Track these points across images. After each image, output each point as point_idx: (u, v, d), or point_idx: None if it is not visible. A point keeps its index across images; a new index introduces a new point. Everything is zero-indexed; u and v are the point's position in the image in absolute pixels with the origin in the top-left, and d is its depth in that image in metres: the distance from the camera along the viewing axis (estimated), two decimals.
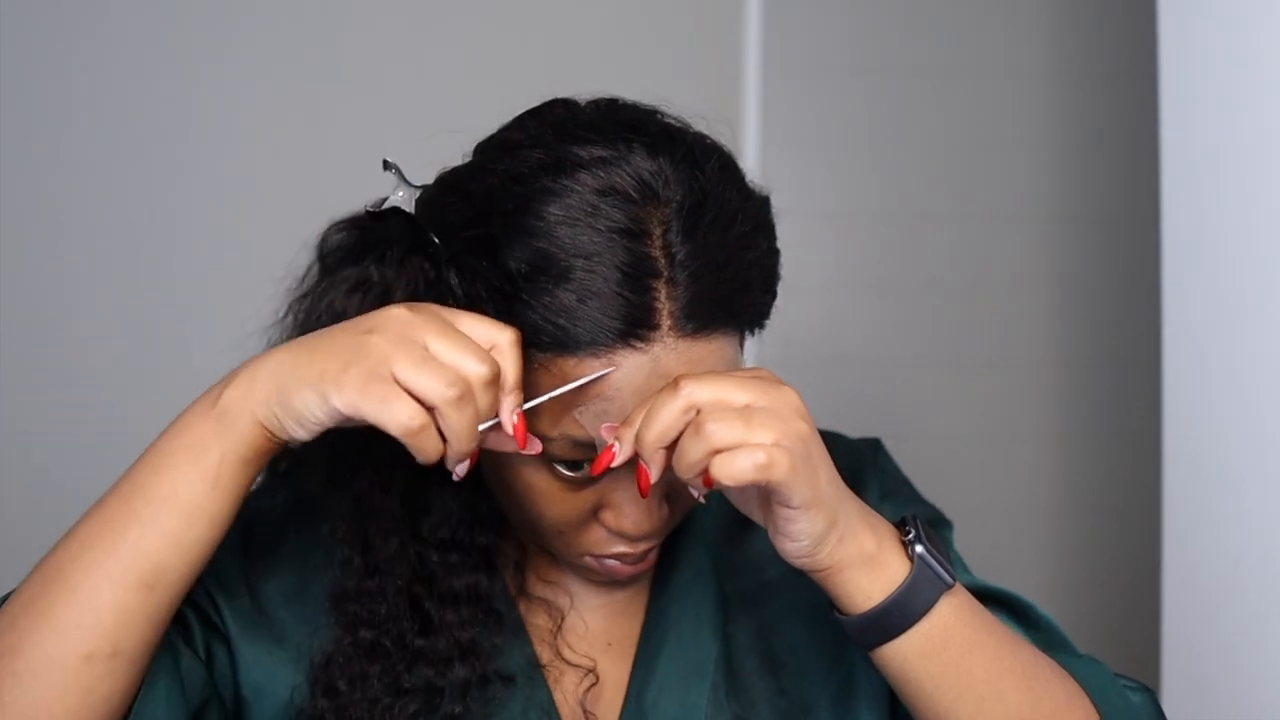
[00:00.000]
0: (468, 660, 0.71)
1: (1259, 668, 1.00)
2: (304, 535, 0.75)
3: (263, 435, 0.59)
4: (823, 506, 0.61)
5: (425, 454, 0.57)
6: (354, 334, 0.58)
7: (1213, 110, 1.05)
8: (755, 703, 0.75)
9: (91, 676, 0.58)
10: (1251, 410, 1.01)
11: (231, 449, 0.59)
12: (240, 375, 0.60)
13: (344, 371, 0.56)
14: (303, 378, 0.57)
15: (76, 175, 1.58)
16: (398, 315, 0.59)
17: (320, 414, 0.57)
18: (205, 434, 0.59)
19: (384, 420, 0.56)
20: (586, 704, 0.75)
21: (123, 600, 0.58)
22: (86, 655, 0.57)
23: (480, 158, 0.68)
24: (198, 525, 0.59)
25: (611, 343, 0.61)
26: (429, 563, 0.72)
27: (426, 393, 0.56)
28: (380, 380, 0.56)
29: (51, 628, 0.57)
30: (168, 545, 0.59)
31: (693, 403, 0.59)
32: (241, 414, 0.59)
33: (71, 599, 0.58)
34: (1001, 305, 1.83)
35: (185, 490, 0.59)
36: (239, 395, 0.59)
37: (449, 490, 0.73)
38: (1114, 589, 1.83)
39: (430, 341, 0.57)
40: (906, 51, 1.80)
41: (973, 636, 0.65)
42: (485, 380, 0.57)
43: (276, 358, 0.59)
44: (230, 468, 0.59)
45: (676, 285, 0.61)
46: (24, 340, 1.56)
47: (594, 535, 0.70)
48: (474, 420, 0.58)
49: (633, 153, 0.63)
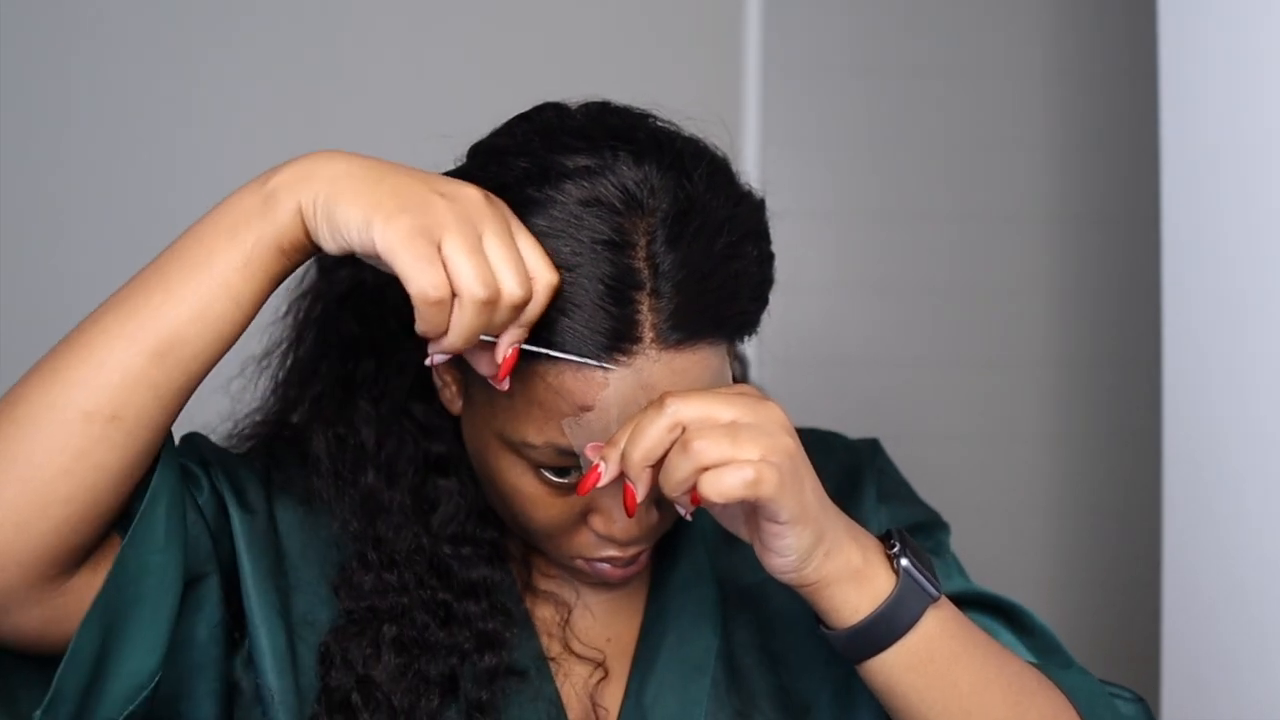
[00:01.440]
0: (494, 649, 0.72)
1: (1259, 668, 1.00)
2: (318, 521, 0.75)
3: (299, 228, 0.58)
4: (809, 521, 0.61)
5: (429, 326, 0.57)
6: (424, 187, 0.58)
7: (1213, 110, 1.05)
8: (755, 699, 0.75)
9: (88, 437, 0.57)
10: (1251, 410, 1.01)
11: (269, 231, 0.58)
12: (298, 164, 0.59)
13: (399, 213, 0.56)
14: (359, 195, 0.57)
15: (76, 175, 1.58)
16: (472, 195, 0.58)
17: (356, 237, 0.57)
18: (248, 211, 0.59)
19: (411, 276, 0.55)
20: (595, 697, 0.75)
21: (132, 362, 0.57)
22: (86, 413, 0.57)
23: (469, 164, 0.68)
24: (221, 302, 0.58)
25: (594, 355, 0.61)
26: (443, 556, 0.73)
27: (460, 278, 0.56)
28: (426, 240, 0.55)
29: (58, 380, 0.57)
30: (188, 315, 0.58)
31: (678, 420, 0.58)
32: (287, 200, 0.58)
33: (83, 354, 0.58)
34: (1001, 305, 1.83)
35: (218, 263, 0.58)
36: (290, 181, 0.58)
37: (454, 486, 0.74)
38: (1114, 589, 1.83)
39: (488, 237, 0.57)
40: (906, 51, 1.80)
41: (958, 649, 0.65)
42: (514, 301, 0.57)
43: (341, 163, 0.58)
44: (263, 250, 0.58)
45: (660, 296, 0.61)
46: (24, 340, 1.56)
47: (583, 539, 0.70)
48: (481, 326, 0.57)
49: (619, 162, 0.63)
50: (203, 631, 0.67)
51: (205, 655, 0.67)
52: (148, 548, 0.61)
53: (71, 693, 0.58)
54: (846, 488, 0.82)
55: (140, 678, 0.61)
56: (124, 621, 0.60)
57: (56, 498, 0.57)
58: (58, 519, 0.57)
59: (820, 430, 0.87)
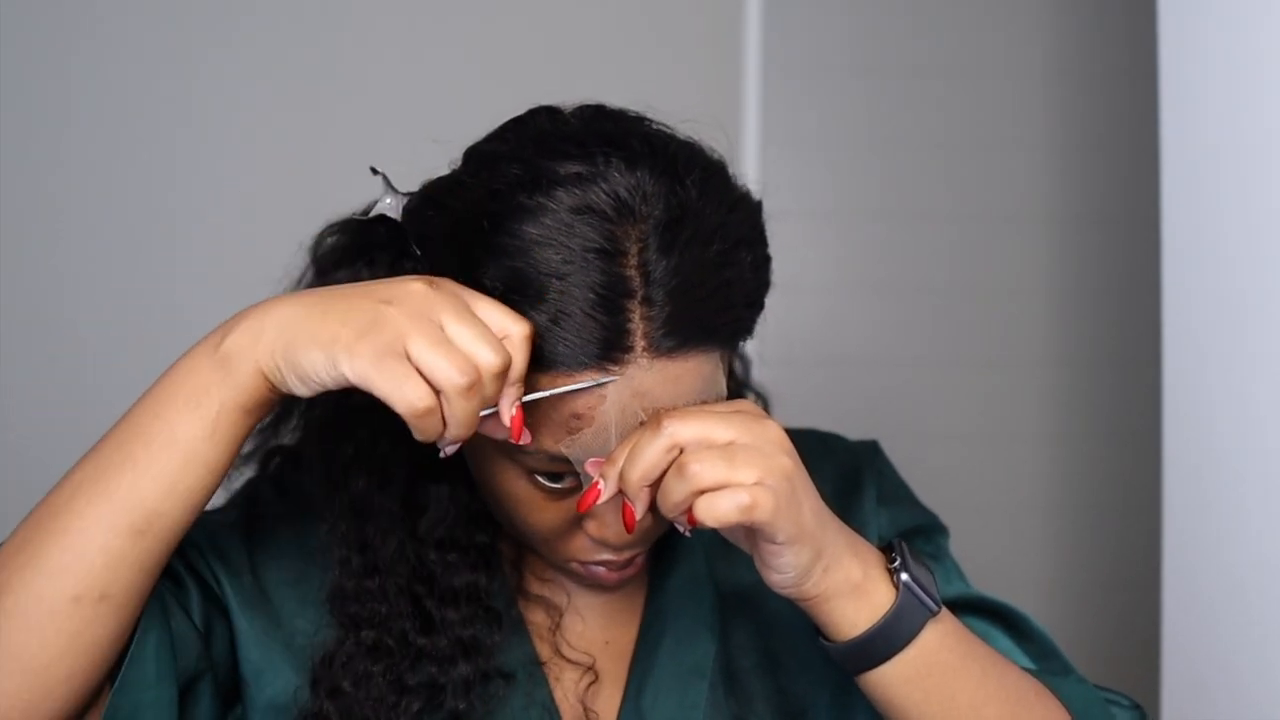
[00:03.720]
0: (470, 658, 0.71)
1: (1259, 668, 1.00)
2: (304, 531, 0.75)
3: (265, 386, 0.58)
4: (807, 540, 0.61)
5: (426, 435, 0.57)
6: (371, 300, 0.57)
7: (1213, 110, 1.05)
8: (753, 702, 0.75)
9: (79, 620, 0.57)
10: (1251, 410, 1.01)
11: (232, 397, 0.58)
12: (246, 321, 0.58)
13: (358, 340, 0.55)
14: (314, 337, 0.56)
15: (76, 175, 1.58)
16: (417, 290, 0.58)
17: (326, 377, 0.56)
18: (206, 380, 0.58)
19: (393, 398, 0.55)
20: (586, 701, 0.75)
21: (113, 544, 0.57)
22: (74, 597, 0.57)
23: (462, 170, 0.68)
24: (193, 473, 0.58)
25: (585, 364, 0.60)
26: (428, 562, 0.72)
27: (438, 376, 0.55)
28: (395, 357, 0.55)
29: (41, 568, 0.57)
30: (162, 491, 0.58)
31: (675, 441, 0.59)
32: (244, 362, 0.58)
33: (62, 540, 0.57)
34: (1001, 305, 1.83)
35: (183, 436, 0.58)
36: (244, 343, 0.58)
37: (446, 490, 0.73)
38: (1114, 589, 1.83)
39: (447, 323, 0.57)
40: (906, 51, 1.80)
41: (957, 663, 0.65)
42: (495, 370, 0.57)
43: (285, 309, 0.58)
44: (229, 416, 0.58)
45: (652, 304, 0.60)
46: (24, 340, 1.56)
47: (578, 543, 0.70)
48: (478, 407, 0.57)
49: (611, 168, 0.62)
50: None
51: None
52: (139, 688, 0.61)
53: None
54: (846, 490, 0.82)
55: None
56: None
57: (58, 679, 0.57)
58: (62, 697, 0.58)
59: (820, 431, 0.87)
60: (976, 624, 0.76)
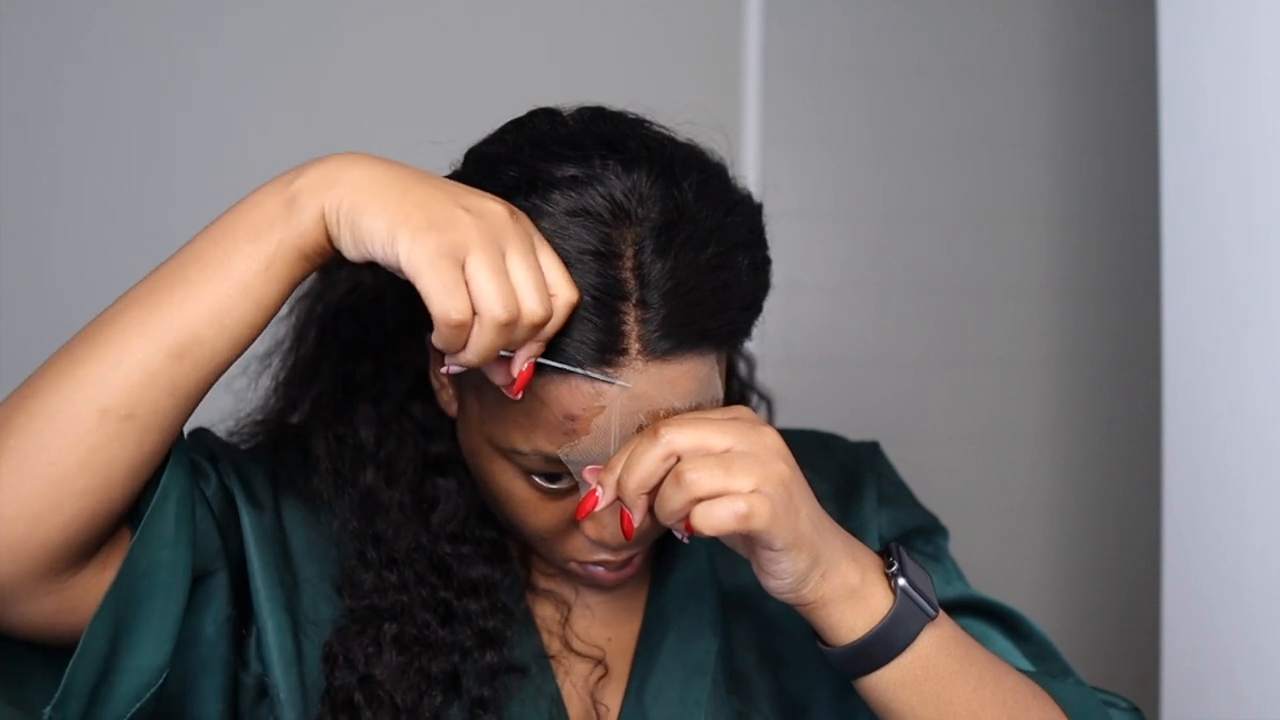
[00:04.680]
0: (494, 646, 0.72)
1: (1259, 667, 1.00)
2: (320, 519, 0.75)
3: (322, 234, 0.58)
4: (804, 546, 0.61)
5: (449, 345, 0.56)
6: (450, 200, 0.57)
7: (1213, 110, 1.05)
8: (755, 699, 0.76)
9: (103, 433, 0.57)
10: (1251, 411, 1.01)
11: (292, 236, 0.58)
12: (323, 166, 0.58)
13: (425, 230, 0.55)
14: (384, 205, 0.56)
15: (76, 175, 1.58)
16: (497, 211, 0.57)
17: (380, 250, 0.56)
18: (271, 213, 0.58)
19: (435, 298, 0.54)
20: (596, 695, 0.75)
21: (151, 362, 0.57)
22: (102, 409, 0.57)
23: (461, 171, 0.68)
24: (241, 304, 0.58)
25: (580, 366, 0.60)
26: (443, 555, 0.73)
27: (483, 299, 0.55)
28: (452, 262, 0.55)
29: (75, 375, 0.57)
30: (208, 316, 0.58)
31: (672, 450, 0.59)
32: (310, 204, 0.57)
33: (102, 351, 0.57)
34: (1001, 305, 1.83)
35: (239, 265, 0.58)
36: (314, 184, 0.57)
37: (454, 485, 0.74)
38: (1114, 589, 1.83)
39: (510, 255, 0.56)
40: (906, 51, 1.80)
41: (954, 667, 0.65)
42: (534, 321, 0.57)
43: (366, 169, 0.57)
44: (286, 254, 0.58)
45: (647, 307, 0.60)
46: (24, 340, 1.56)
47: (576, 543, 0.70)
48: (501, 345, 0.57)
49: (607, 171, 0.62)
50: (210, 628, 0.67)
51: (212, 652, 0.67)
52: (158, 544, 0.61)
53: (81, 689, 0.58)
54: (847, 490, 0.82)
55: (148, 674, 0.61)
56: (133, 618, 0.60)
57: (70, 492, 0.57)
58: (71, 513, 0.57)
59: (820, 432, 0.87)
60: (975, 625, 0.76)
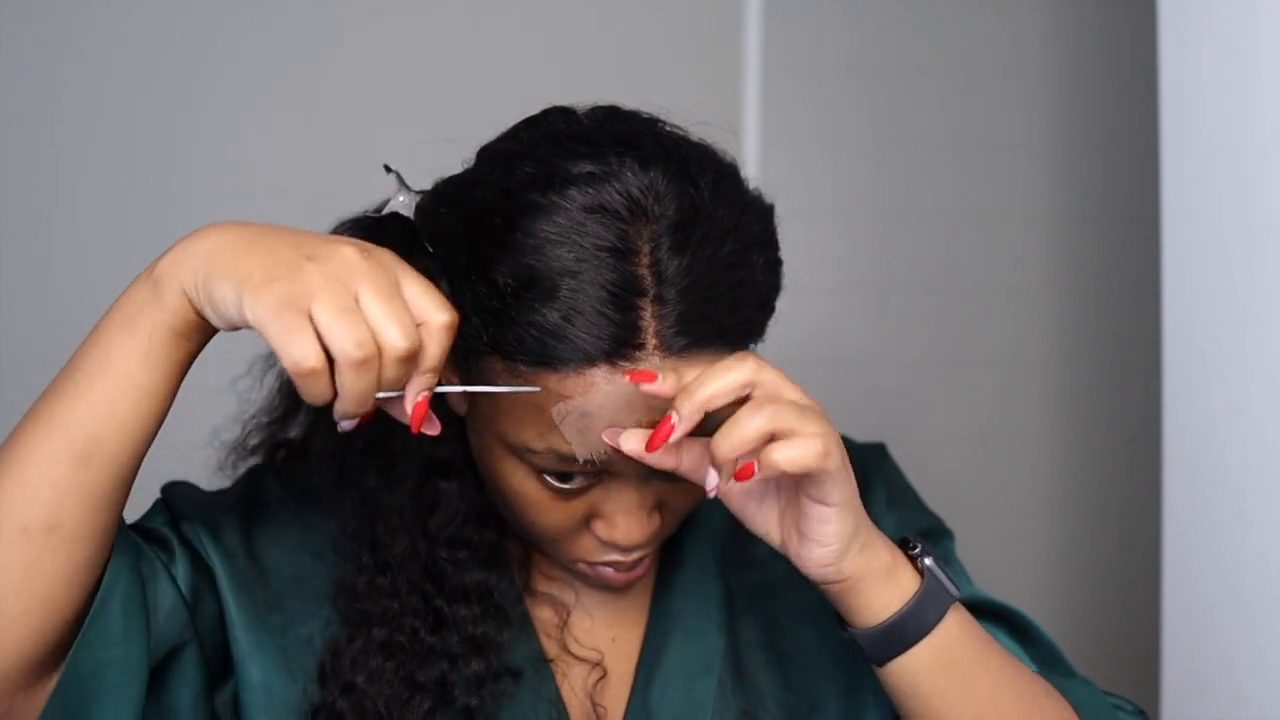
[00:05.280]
0: (481, 655, 0.72)
1: (1259, 667, 1.01)
2: (307, 525, 0.75)
3: (190, 309, 0.57)
4: (854, 509, 0.62)
5: (310, 397, 0.55)
6: (295, 252, 0.55)
7: (1213, 110, 1.05)
8: (762, 698, 0.76)
9: (30, 551, 0.57)
10: (1251, 411, 1.01)
11: (162, 319, 0.57)
12: (179, 245, 0.58)
13: (266, 285, 0.54)
14: (230, 271, 0.55)
15: (76, 175, 1.58)
16: (345, 254, 0.56)
17: (233, 313, 0.55)
18: (140, 302, 0.58)
19: (279, 349, 0.54)
20: (594, 697, 0.75)
21: (57, 473, 0.57)
22: (22, 528, 0.57)
23: (475, 169, 0.68)
24: (130, 396, 0.58)
25: (596, 362, 0.60)
26: (438, 560, 0.73)
27: (333, 343, 0.53)
28: (295, 310, 0.53)
29: None
30: (101, 416, 0.57)
31: (752, 380, 0.59)
32: (170, 283, 0.57)
33: (10, 470, 0.57)
34: (1001, 305, 1.83)
35: (119, 358, 0.57)
36: (171, 264, 0.57)
37: (455, 488, 0.73)
38: (1114, 589, 1.83)
39: (363, 293, 0.55)
40: (906, 51, 1.81)
41: (980, 650, 0.66)
42: (400, 354, 0.55)
43: (216, 237, 0.57)
44: (161, 338, 0.57)
45: (664, 304, 0.60)
46: (24, 340, 1.56)
47: (586, 543, 0.70)
48: (370, 387, 0.55)
49: (624, 168, 0.62)
50: (186, 698, 0.68)
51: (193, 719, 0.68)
52: (103, 644, 0.61)
53: None
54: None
55: None
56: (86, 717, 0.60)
57: (13, 615, 0.57)
58: (20, 634, 0.57)
59: None
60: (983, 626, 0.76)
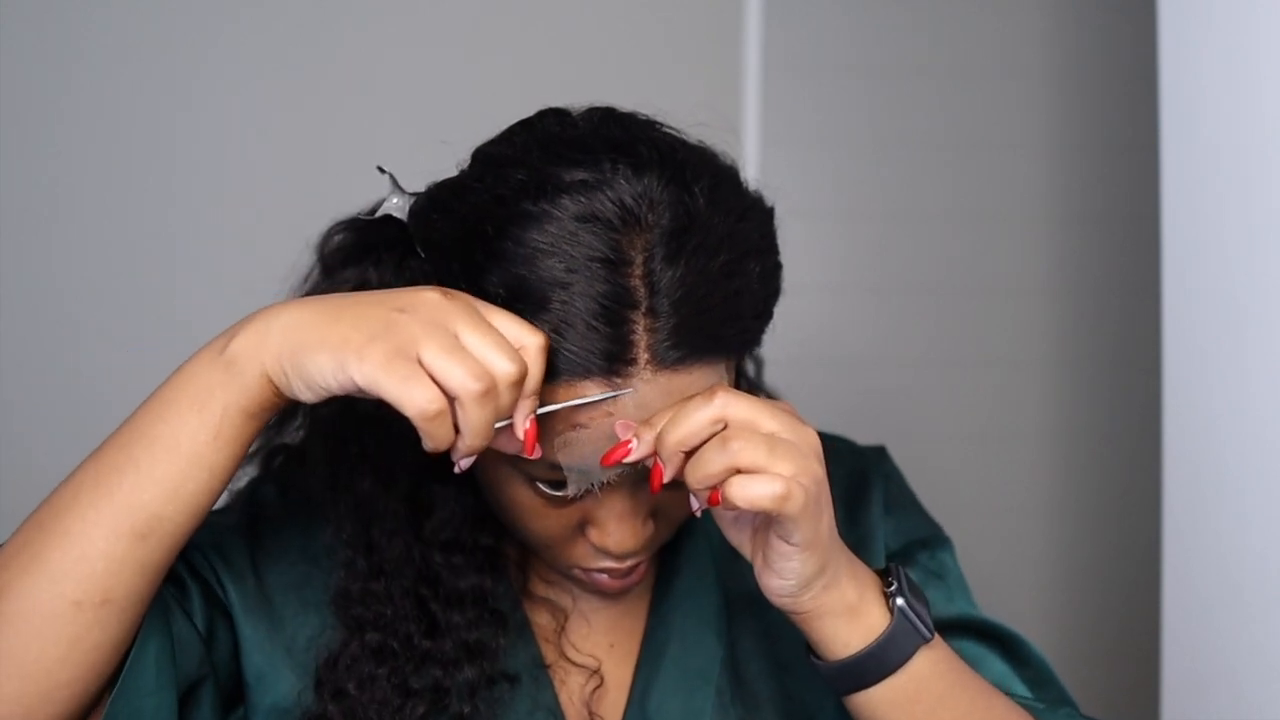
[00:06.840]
0: (475, 661, 0.71)
1: (1259, 667, 1.01)
2: (307, 532, 0.75)
3: (270, 390, 0.57)
4: (818, 550, 0.61)
5: (436, 441, 0.55)
6: (385, 308, 0.56)
7: (1213, 110, 1.05)
8: (760, 706, 0.75)
9: (80, 624, 0.57)
10: (1251, 411, 1.01)
11: (236, 400, 0.57)
12: (253, 324, 0.57)
13: (369, 344, 0.54)
14: (323, 340, 0.55)
15: (77, 176, 1.58)
16: (431, 299, 0.56)
17: (333, 381, 0.55)
18: (211, 382, 0.57)
19: (402, 400, 0.54)
20: (592, 705, 0.75)
21: (115, 548, 0.57)
22: (75, 602, 0.56)
23: (468, 172, 0.67)
24: (197, 477, 0.58)
25: (587, 375, 0.59)
26: (433, 564, 0.72)
27: (452, 382, 0.54)
28: (405, 359, 0.54)
29: (42, 571, 0.56)
30: (165, 495, 0.57)
31: (723, 415, 0.58)
32: (250, 365, 0.57)
33: (64, 543, 0.57)
34: (1001, 305, 1.83)
35: (186, 439, 0.57)
36: (250, 345, 0.57)
37: (451, 491, 0.73)
38: (1114, 589, 1.83)
39: (462, 331, 0.56)
40: (906, 51, 1.80)
41: (945, 690, 0.65)
42: (512, 380, 0.56)
43: (295, 313, 0.57)
44: (233, 419, 0.58)
45: (657, 316, 0.59)
46: (24, 340, 1.56)
47: (580, 550, 0.70)
48: (493, 417, 0.56)
49: (617, 176, 0.60)
50: None
51: None
52: (139, 694, 0.61)
53: None
54: (854, 494, 0.82)
55: None
56: None
57: (58, 684, 0.57)
58: (62, 701, 0.57)
59: (828, 434, 0.87)
60: (972, 647, 0.75)
